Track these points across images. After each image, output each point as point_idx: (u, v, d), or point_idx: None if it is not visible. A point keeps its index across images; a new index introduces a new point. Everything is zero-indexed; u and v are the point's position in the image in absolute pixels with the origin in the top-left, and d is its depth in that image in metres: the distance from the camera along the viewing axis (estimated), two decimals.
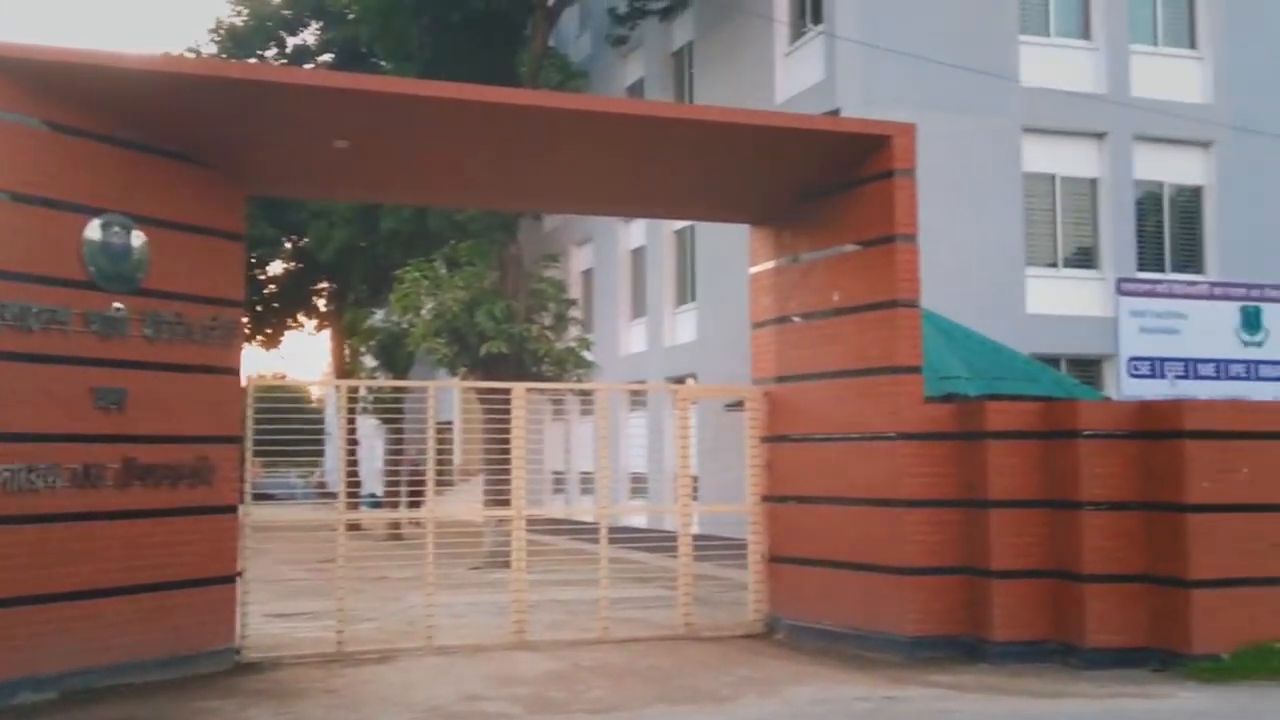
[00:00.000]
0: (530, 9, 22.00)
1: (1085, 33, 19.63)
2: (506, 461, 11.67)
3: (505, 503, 11.90)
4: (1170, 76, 19.78)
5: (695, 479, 13.38)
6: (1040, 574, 10.20)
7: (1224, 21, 20.03)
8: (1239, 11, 20.07)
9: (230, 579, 10.12)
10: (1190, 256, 20.00)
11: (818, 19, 19.54)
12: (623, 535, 17.49)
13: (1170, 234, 19.94)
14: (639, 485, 24.62)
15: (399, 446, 29.18)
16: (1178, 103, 19.61)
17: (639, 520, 22.32)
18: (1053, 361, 17.15)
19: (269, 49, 30.99)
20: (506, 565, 12.04)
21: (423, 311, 22.11)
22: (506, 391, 11.83)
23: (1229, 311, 19.68)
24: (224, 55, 29.33)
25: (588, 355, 22.31)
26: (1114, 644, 9.87)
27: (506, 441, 11.69)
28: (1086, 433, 10.07)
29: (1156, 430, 9.99)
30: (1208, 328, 19.47)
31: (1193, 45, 20.19)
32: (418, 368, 30.12)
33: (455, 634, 11.34)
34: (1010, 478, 10.31)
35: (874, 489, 10.76)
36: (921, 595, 10.38)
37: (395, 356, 28.82)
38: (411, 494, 22.60)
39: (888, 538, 10.58)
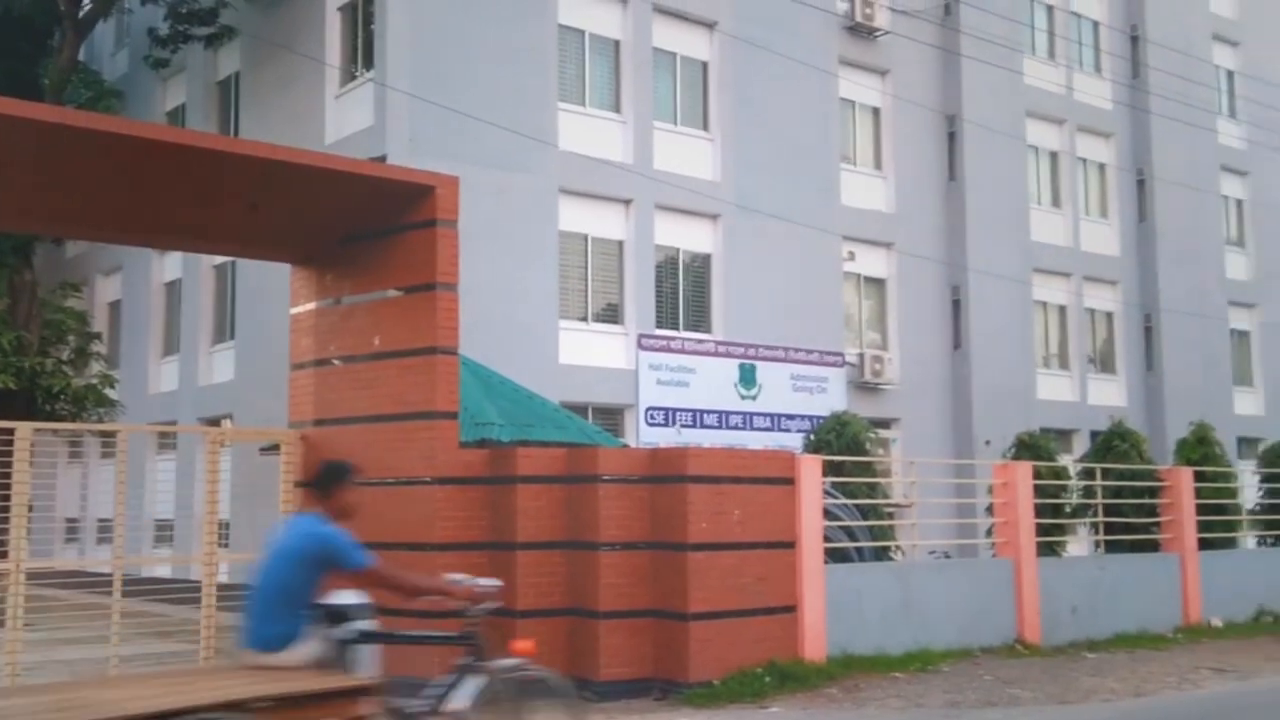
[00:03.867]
0: (58, 19, 20.41)
1: (616, 106, 21.29)
2: (6, 509, 10.69)
3: (2, 554, 10.89)
4: (687, 153, 21.90)
5: (226, 525, 12.95)
6: (561, 612, 10.78)
7: (731, 108, 22.49)
8: (744, 101, 22.61)
9: None
10: (700, 317, 22.13)
11: (369, 64, 19.71)
12: (145, 586, 16.41)
13: (684, 296, 21.97)
14: (165, 533, 23.20)
15: None
16: (692, 178, 21.72)
17: (163, 570, 21.03)
18: (581, 410, 18.28)
19: None
20: (1, 624, 10.99)
21: None
22: (9, 431, 10.86)
23: (730, 368, 21.97)
24: None
25: (111, 393, 20.87)
26: (625, 676, 10.62)
27: (7, 486, 10.72)
28: (605, 477, 10.78)
29: (663, 475, 10.92)
30: (713, 382, 21.58)
31: (705, 127, 22.48)
32: None
33: None
34: (537, 520, 10.85)
35: (408, 533, 10.92)
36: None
37: None
38: None
39: None
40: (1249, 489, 18.98)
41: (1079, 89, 28.67)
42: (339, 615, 6.18)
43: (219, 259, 23.01)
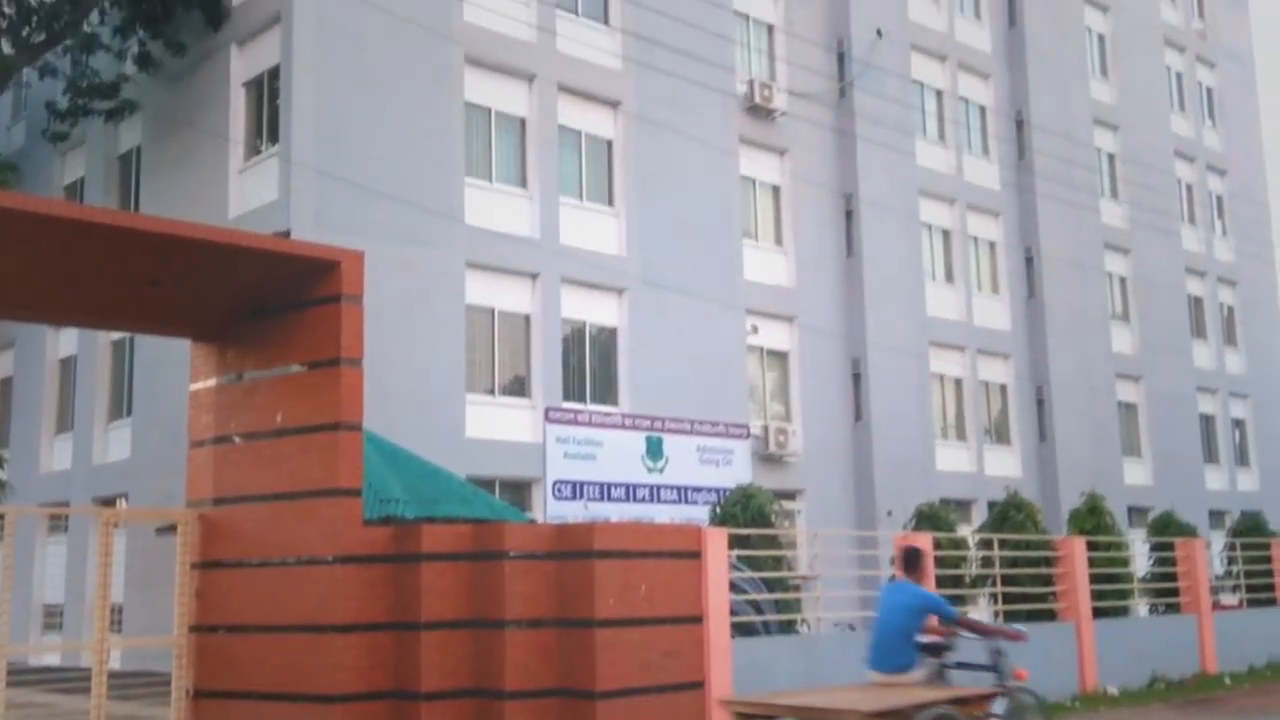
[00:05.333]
0: None
1: (522, 181, 21.50)
2: None
3: None
4: (592, 229, 22.15)
5: (120, 610, 12.55)
6: (467, 693, 10.55)
7: (636, 185, 22.85)
8: (648, 178, 23.00)
9: None
10: (607, 390, 22.22)
11: (274, 139, 19.65)
12: (33, 675, 15.75)
13: (591, 369, 22.07)
14: (55, 619, 22.35)
15: None
16: (598, 252, 21.97)
17: (53, 658, 20.22)
18: (488, 484, 18.19)
19: None
20: None
21: None
22: None
23: (637, 441, 22.05)
24: None
25: None
26: None
27: None
28: (511, 554, 10.63)
29: (570, 550, 10.83)
30: (620, 454, 21.59)
31: (610, 203, 22.79)
32: None
33: None
34: (442, 599, 10.65)
35: (309, 615, 10.68)
36: None
37: None
38: None
39: (319, 665, 10.51)
40: (1140, 557, 19.53)
41: (968, 170, 29.73)
42: (938, 649, 9.32)
43: (117, 334, 22.53)
